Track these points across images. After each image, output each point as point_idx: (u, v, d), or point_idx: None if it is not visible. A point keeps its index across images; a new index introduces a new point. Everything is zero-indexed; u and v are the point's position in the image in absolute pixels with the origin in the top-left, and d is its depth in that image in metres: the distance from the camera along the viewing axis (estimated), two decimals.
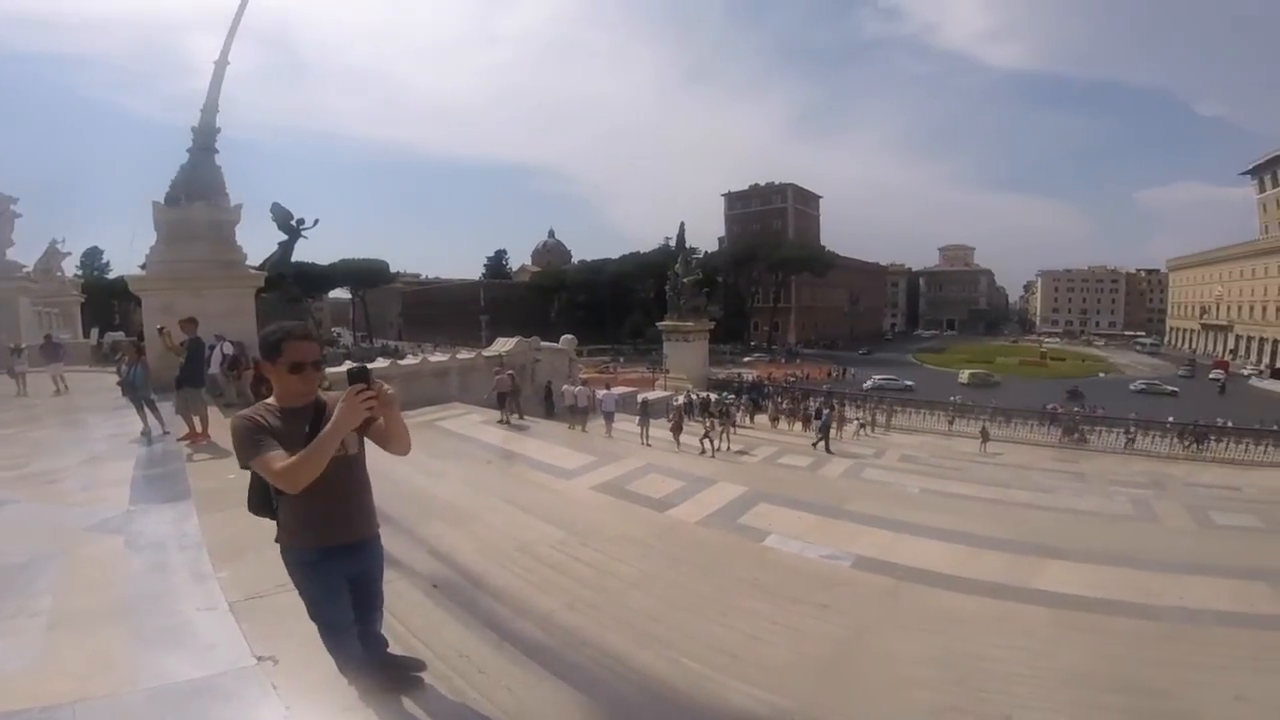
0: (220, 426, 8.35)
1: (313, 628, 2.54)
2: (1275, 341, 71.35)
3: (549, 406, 21.17)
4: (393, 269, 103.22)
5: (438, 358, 21.45)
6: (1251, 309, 77.81)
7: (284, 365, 2.29)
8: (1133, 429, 25.78)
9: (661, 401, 23.75)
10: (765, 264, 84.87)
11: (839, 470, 16.21)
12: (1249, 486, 17.94)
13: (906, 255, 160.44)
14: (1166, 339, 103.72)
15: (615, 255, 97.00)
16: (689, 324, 32.80)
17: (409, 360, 20.54)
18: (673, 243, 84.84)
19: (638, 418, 17.71)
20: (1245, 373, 66.01)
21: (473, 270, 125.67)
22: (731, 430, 18.89)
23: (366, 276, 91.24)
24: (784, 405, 29.17)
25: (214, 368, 11.06)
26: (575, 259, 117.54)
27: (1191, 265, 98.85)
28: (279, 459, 2.12)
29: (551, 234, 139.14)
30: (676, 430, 16.90)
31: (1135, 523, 11.74)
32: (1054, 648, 4.22)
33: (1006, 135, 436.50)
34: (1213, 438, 24.61)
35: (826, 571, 6.17)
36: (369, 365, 2.85)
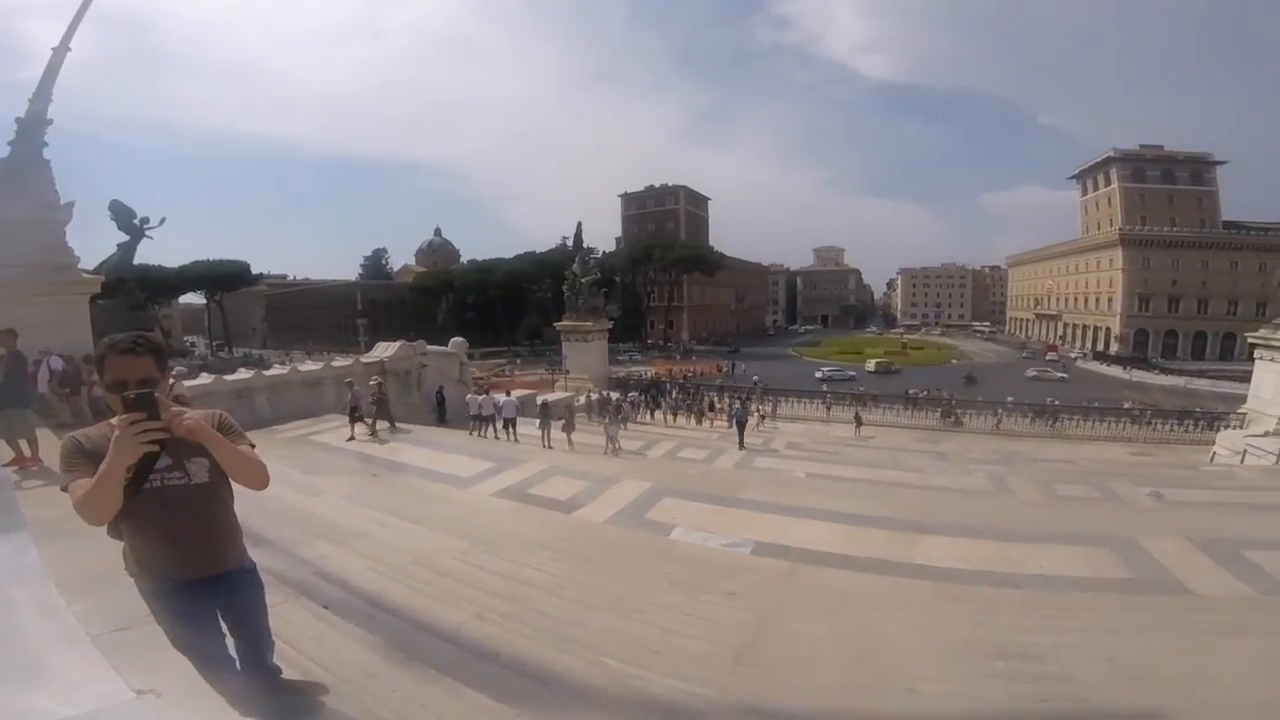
0: (54, 449, 7.31)
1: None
2: (1096, 328, 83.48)
3: (441, 413, 20.43)
4: (257, 270, 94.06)
5: (309, 366, 19.89)
6: (1076, 300, 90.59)
7: (107, 383, 2.05)
8: (999, 410, 29.05)
9: (562, 402, 23.61)
10: (660, 264, 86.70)
11: (733, 461, 16.95)
12: (1082, 459, 20.86)
13: (785, 255, 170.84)
14: (1007, 328, 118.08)
15: (510, 255, 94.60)
16: (588, 324, 32.76)
17: (276, 370, 18.77)
18: (570, 243, 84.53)
19: (538, 420, 17.49)
20: (1072, 355, 77.10)
21: (349, 271, 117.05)
22: (622, 428, 18.85)
23: (224, 279, 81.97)
24: (680, 400, 30.12)
25: (42, 386, 9.67)
26: (465, 259, 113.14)
27: (1026, 262, 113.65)
28: (82, 488, 1.93)
29: (438, 232, 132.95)
30: (569, 430, 16.84)
31: (993, 497, 13.03)
32: (939, 619, 4.61)
33: (874, 142, 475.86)
34: (1064, 416, 28.27)
35: (729, 560, 6.47)
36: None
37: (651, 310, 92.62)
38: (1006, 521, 8.89)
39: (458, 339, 24.21)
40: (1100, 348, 78.79)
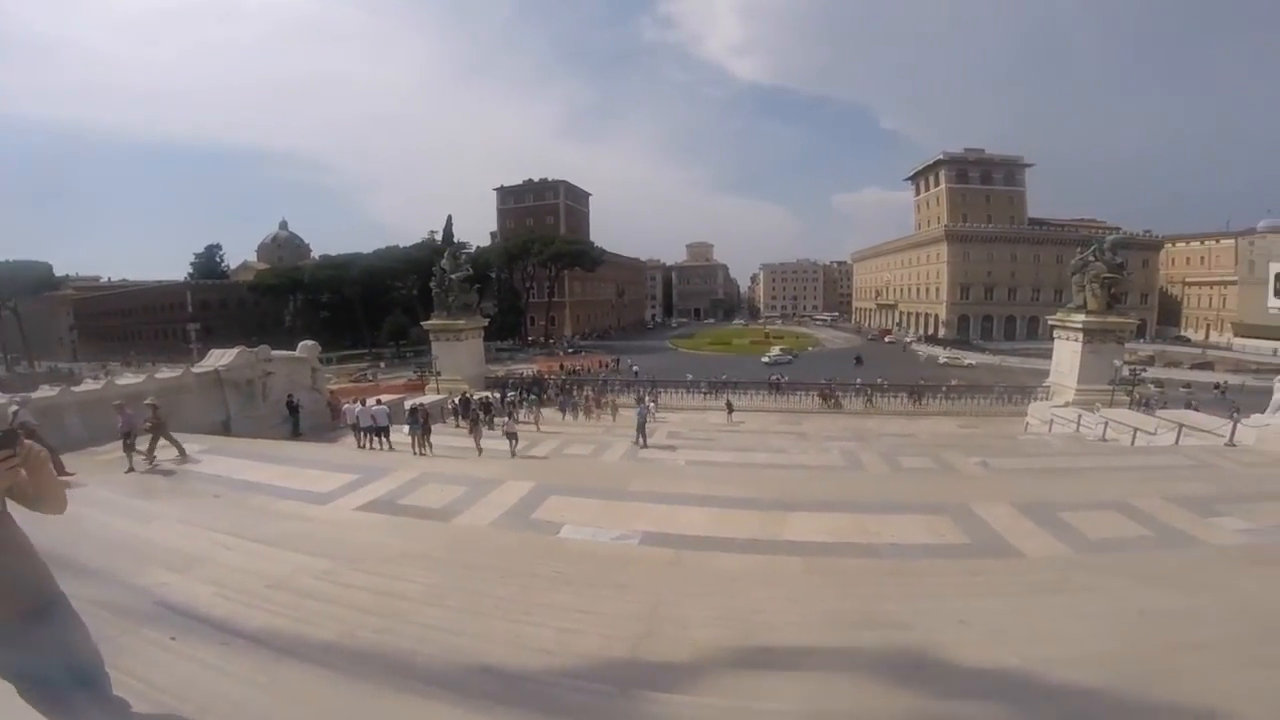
0: None
1: None
2: (927, 315, 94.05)
3: (295, 425, 18.76)
4: (62, 272, 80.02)
5: (130, 379, 17.38)
6: (910, 290, 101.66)
7: None
8: (869, 390, 31.75)
9: (435, 406, 22.52)
10: (539, 259, 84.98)
11: (619, 453, 17.18)
12: (921, 433, 23.43)
13: (661, 251, 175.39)
14: (854, 317, 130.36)
15: (371, 251, 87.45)
16: (460, 322, 31.28)
17: (88, 385, 16.10)
18: (439, 237, 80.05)
19: (407, 427, 16.58)
20: (907, 340, 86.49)
21: (179, 272, 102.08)
22: (487, 429, 18.18)
23: (17, 282, 69.10)
24: (565, 397, 29.91)
25: None
26: (318, 254, 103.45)
27: (868, 257, 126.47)
28: None
29: (284, 226, 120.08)
30: (425, 434, 16.02)
31: (847, 472, 14.30)
32: (812, 593, 4.93)
33: (741, 142, 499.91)
34: (928, 395, 31.41)
35: (618, 553, 6.55)
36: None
37: (531, 307, 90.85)
38: (861, 494, 9.68)
39: (307, 342, 22.16)
40: (930, 332, 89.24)
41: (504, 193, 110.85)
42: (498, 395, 27.89)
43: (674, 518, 7.90)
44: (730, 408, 27.91)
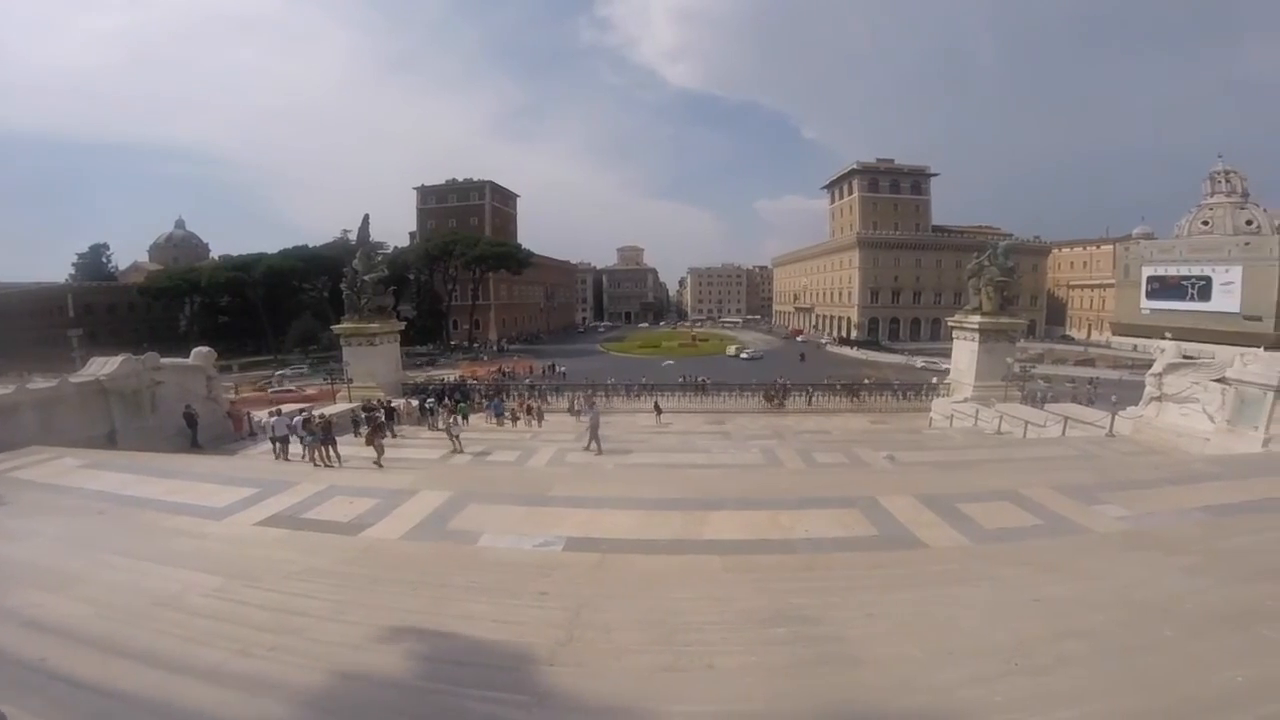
0: None
1: None
2: (840, 317, 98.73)
3: (193, 437, 17.40)
4: None
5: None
6: (826, 294, 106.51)
7: None
8: (811, 389, 32.74)
9: (346, 414, 21.40)
10: (462, 260, 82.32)
11: (545, 459, 16.90)
12: (835, 430, 24.45)
13: (592, 254, 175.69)
14: (774, 320, 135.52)
15: (277, 250, 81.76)
16: (374, 325, 29.70)
17: None
18: (354, 236, 76.05)
19: (310, 437, 15.62)
20: (822, 341, 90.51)
21: (59, 274, 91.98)
22: (390, 435, 17.26)
23: None
24: (491, 402, 29.23)
25: None
26: (217, 254, 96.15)
27: (787, 262, 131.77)
28: None
29: (181, 224, 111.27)
30: (326, 445, 15.14)
31: (766, 469, 14.72)
32: (729, 591, 4.98)
33: (670, 147, 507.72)
34: (863, 393, 32.67)
35: (541, 559, 6.41)
36: None
37: (454, 310, 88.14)
38: (777, 491, 9.97)
39: (202, 349, 20.50)
40: (844, 334, 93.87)
41: (425, 192, 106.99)
42: (415, 402, 26.81)
43: (599, 521, 7.84)
44: (658, 409, 28.17)
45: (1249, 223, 75.10)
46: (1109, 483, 9.71)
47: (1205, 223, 78.79)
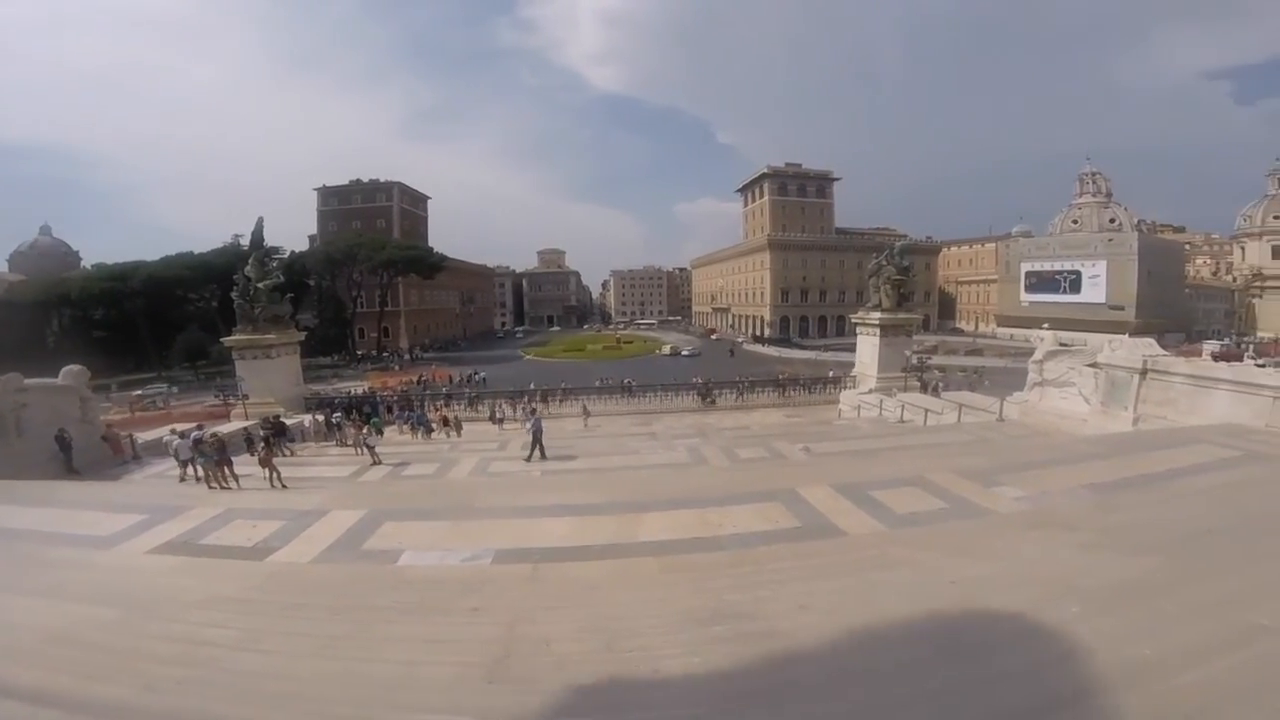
0: None
1: None
2: (755, 317, 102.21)
3: (67, 462, 15.68)
4: None
5: None
6: (741, 294, 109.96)
7: None
8: (743, 386, 33.51)
9: (239, 434, 19.82)
10: (368, 265, 78.13)
11: (467, 469, 16.39)
12: (755, 425, 25.23)
13: (512, 257, 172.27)
14: (694, 320, 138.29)
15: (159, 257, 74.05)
16: (270, 336, 27.45)
17: None
18: (246, 241, 70.42)
19: (203, 458, 14.43)
20: (739, 340, 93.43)
21: None
22: (278, 453, 16.10)
23: None
24: (404, 414, 28.04)
25: None
26: (90, 263, 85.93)
27: (704, 264, 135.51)
28: None
29: (47, 231, 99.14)
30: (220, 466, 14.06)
31: (692, 467, 14.95)
32: (666, 593, 4.94)
33: (593, 150, 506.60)
34: (788, 388, 33.57)
35: (470, 575, 6.17)
36: None
37: (360, 318, 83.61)
38: (704, 489, 10.00)
39: (72, 367, 18.39)
40: (758, 332, 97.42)
41: (326, 193, 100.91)
42: (320, 417, 25.23)
43: (530, 531, 7.64)
44: (586, 412, 28.02)
45: (1112, 220, 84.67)
46: (1004, 465, 10.49)
47: (1075, 221, 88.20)
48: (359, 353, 78.40)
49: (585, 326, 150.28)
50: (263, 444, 16.03)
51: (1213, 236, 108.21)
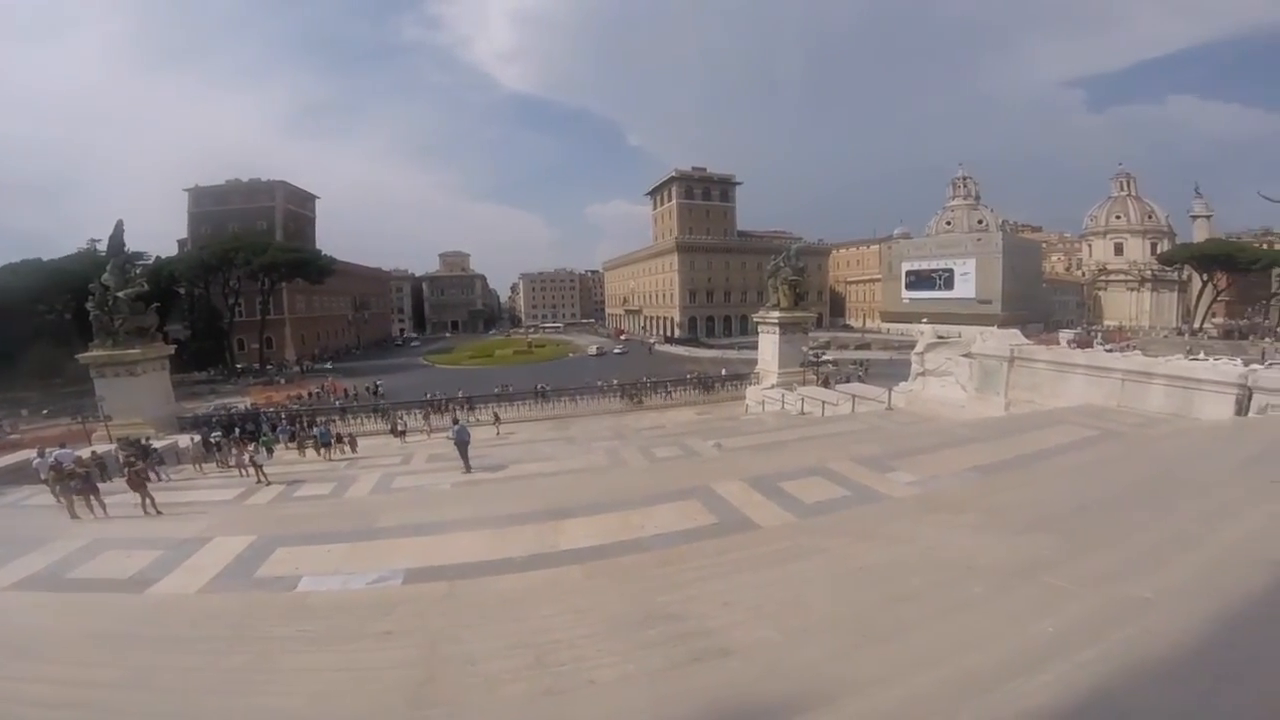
0: None
1: None
2: (665, 318, 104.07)
3: None
4: None
5: None
6: (652, 296, 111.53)
7: None
8: (670, 385, 33.86)
9: (101, 458, 17.66)
10: (247, 270, 71.49)
11: (368, 487, 15.41)
12: (669, 424, 25.63)
13: (411, 261, 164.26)
14: (608, 322, 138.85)
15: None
16: (134, 351, 24.43)
17: None
18: (104, 246, 62.36)
19: (60, 484, 12.77)
20: (650, 340, 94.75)
21: None
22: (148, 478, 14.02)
23: None
24: (297, 430, 26.10)
25: None
26: None
27: (616, 266, 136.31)
28: None
29: None
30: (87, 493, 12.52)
31: (612, 470, 14.84)
32: (595, 600, 4.87)
33: (501, 150, 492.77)
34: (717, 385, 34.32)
35: (379, 597, 5.86)
36: None
37: (239, 327, 76.48)
38: (624, 491, 10.11)
39: None
40: (669, 333, 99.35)
41: (199, 194, 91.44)
42: (197, 438, 22.96)
43: (442, 548, 7.36)
44: (497, 419, 27.32)
45: (980, 222, 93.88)
46: (896, 451, 11.28)
47: (949, 223, 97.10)
48: (238, 366, 71.87)
49: (491, 331, 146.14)
50: (127, 467, 14.35)
51: (1065, 235, 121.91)
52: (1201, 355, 16.44)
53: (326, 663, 4.11)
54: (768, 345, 32.27)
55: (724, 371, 37.14)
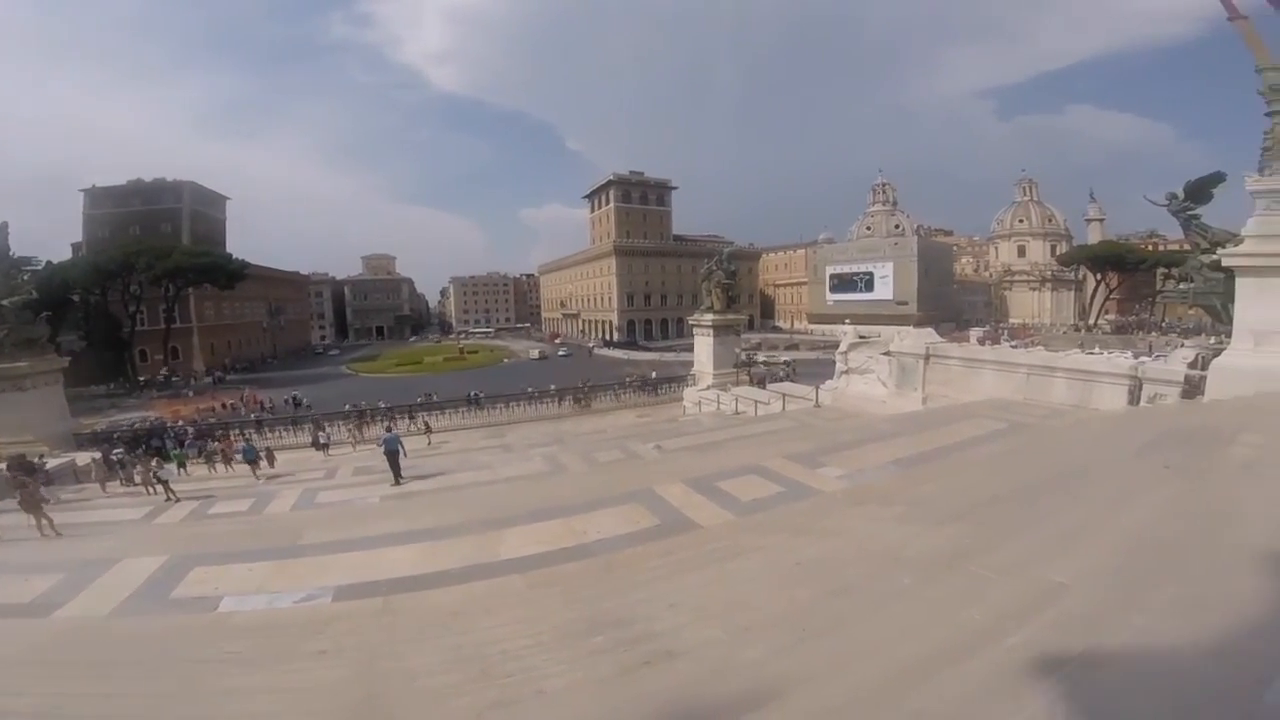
0: None
1: None
2: (603, 321, 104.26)
3: None
4: None
5: None
6: (589, 300, 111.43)
7: None
8: (618, 388, 34.09)
9: None
10: (150, 276, 65.93)
11: (289, 503, 14.59)
12: (609, 428, 25.62)
13: (331, 264, 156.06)
14: (544, 326, 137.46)
15: None
16: (22, 365, 22.40)
17: None
18: None
19: None
20: (590, 345, 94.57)
21: None
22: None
23: None
24: (206, 445, 24.48)
25: None
26: None
27: (552, 270, 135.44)
28: None
29: None
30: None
31: (552, 476, 14.61)
32: (539, 609, 4.77)
33: (429, 152, 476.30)
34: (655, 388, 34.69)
35: (308, 616, 5.61)
36: None
37: (142, 337, 70.60)
38: (566, 497, 9.99)
39: None
40: (608, 336, 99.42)
41: (96, 195, 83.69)
42: (98, 455, 21.15)
43: (374, 563, 7.09)
44: (428, 429, 26.53)
45: (897, 227, 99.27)
46: (824, 447, 11.72)
47: (869, 228, 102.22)
48: (141, 379, 66.44)
49: (413, 338, 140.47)
50: (19, 488, 13.08)
51: (974, 239, 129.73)
52: (1096, 349, 17.97)
53: (258, 684, 3.91)
54: (703, 347, 32.89)
55: (655, 374, 37.53)
